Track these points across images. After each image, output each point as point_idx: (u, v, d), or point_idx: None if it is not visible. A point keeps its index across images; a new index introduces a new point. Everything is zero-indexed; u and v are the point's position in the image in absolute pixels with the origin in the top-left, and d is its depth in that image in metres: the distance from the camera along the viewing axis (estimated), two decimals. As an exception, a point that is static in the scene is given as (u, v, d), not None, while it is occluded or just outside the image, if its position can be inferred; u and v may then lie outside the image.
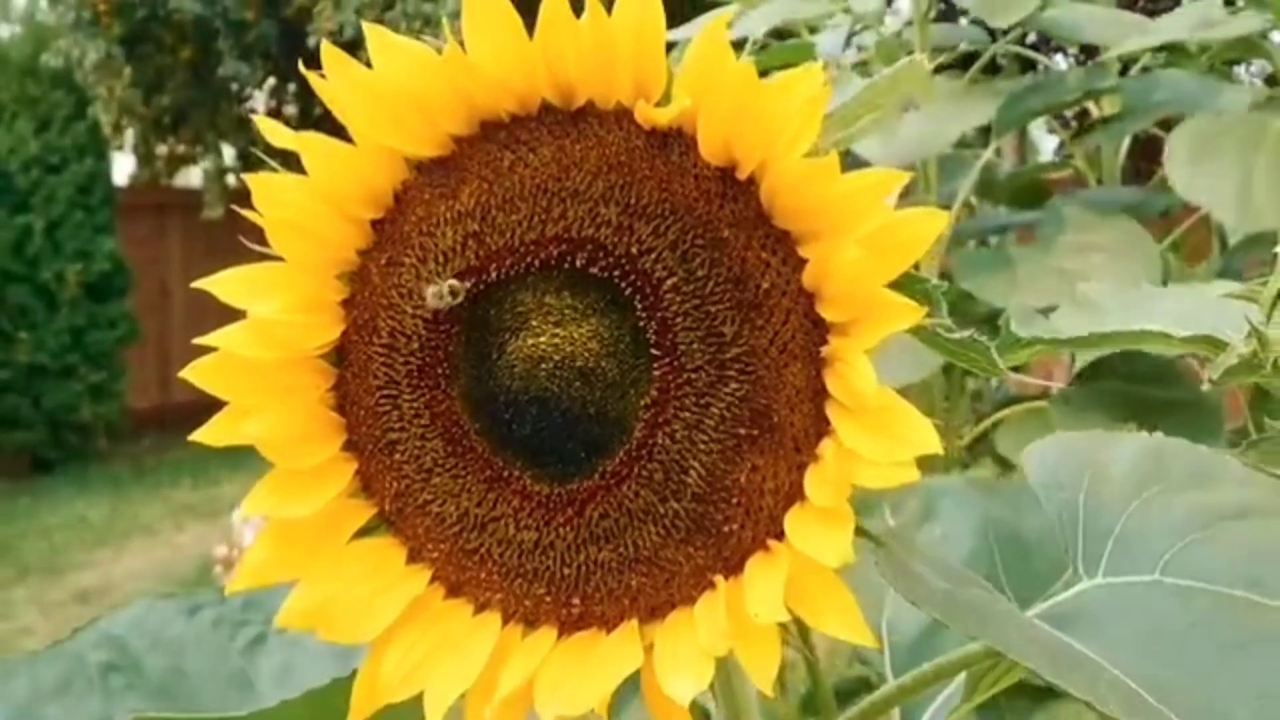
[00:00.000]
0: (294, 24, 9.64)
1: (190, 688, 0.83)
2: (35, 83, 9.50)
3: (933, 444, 0.51)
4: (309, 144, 0.56)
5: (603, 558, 0.57)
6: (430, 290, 0.57)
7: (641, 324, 0.55)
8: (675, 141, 0.55)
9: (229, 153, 12.16)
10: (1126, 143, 2.64)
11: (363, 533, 0.60)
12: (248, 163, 12.84)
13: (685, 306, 0.55)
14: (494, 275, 0.56)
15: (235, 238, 0.58)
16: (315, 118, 12.29)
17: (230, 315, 0.58)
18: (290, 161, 0.58)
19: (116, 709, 0.81)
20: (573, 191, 0.56)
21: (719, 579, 0.55)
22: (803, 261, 0.54)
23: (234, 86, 11.42)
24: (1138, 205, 2.28)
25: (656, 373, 0.55)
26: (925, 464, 0.53)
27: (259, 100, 12.40)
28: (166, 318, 10.36)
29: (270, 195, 0.56)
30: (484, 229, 0.57)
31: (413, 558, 0.60)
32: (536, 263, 0.56)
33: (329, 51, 0.56)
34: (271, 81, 11.96)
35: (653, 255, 0.55)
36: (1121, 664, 0.60)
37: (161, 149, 11.80)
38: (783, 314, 0.55)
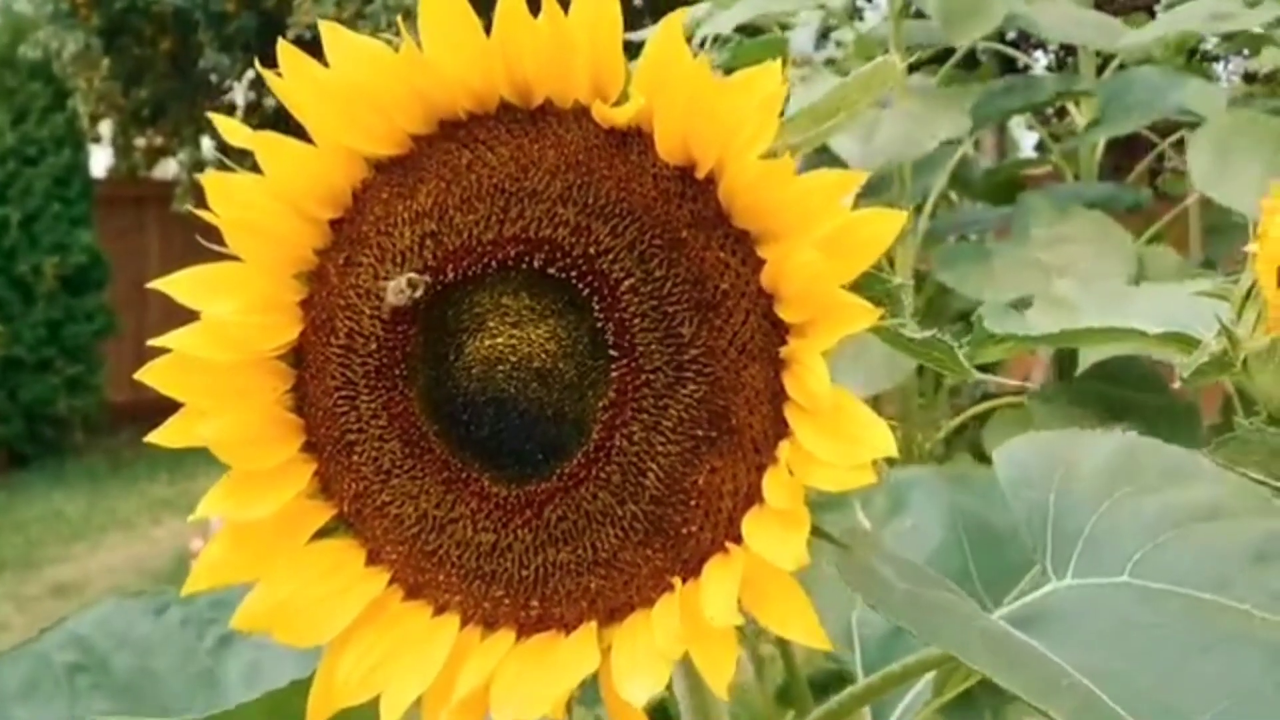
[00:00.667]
0: (274, 16, 9.59)
1: (158, 687, 0.82)
2: (13, 74, 9.44)
3: (887, 447, 0.50)
4: (265, 143, 0.56)
5: (561, 559, 0.57)
6: (390, 285, 0.56)
7: (599, 325, 0.55)
8: (634, 141, 0.55)
9: (207, 145, 12.11)
10: (1103, 140, 2.65)
11: (322, 534, 0.60)
12: (226, 156, 12.80)
13: (643, 307, 0.54)
14: (451, 276, 0.56)
15: (214, 230, 0.58)
16: (295, 110, 12.25)
17: None
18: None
19: (83, 709, 0.81)
20: (530, 191, 0.55)
21: (677, 581, 0.55)
22: (762, 262, 0.54)
23: (213, 79, 11.37)
24: (1109, 199, 2.28)
25: (614, 374, 0.55)
26: (901, 458, 0.53)
27: (239, 93, 12.35)
28: (144, 311, 10.30)
29: (226, 195, 0.56)
30: (441, 229, 0.56)
31: (372, 559, 0.60)
32: (494, 263, 0.55)
33: (285, 50, 0.56)
34: (251, 74, 11.91)
35: (610, 256, 0.54)
36: (1087, 666, 0.59)
37: (140, 141, 11.75)
38: (741, 314, 0.54)
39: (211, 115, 0.59)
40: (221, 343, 0.57)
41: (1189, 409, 2.06)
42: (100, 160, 11.32)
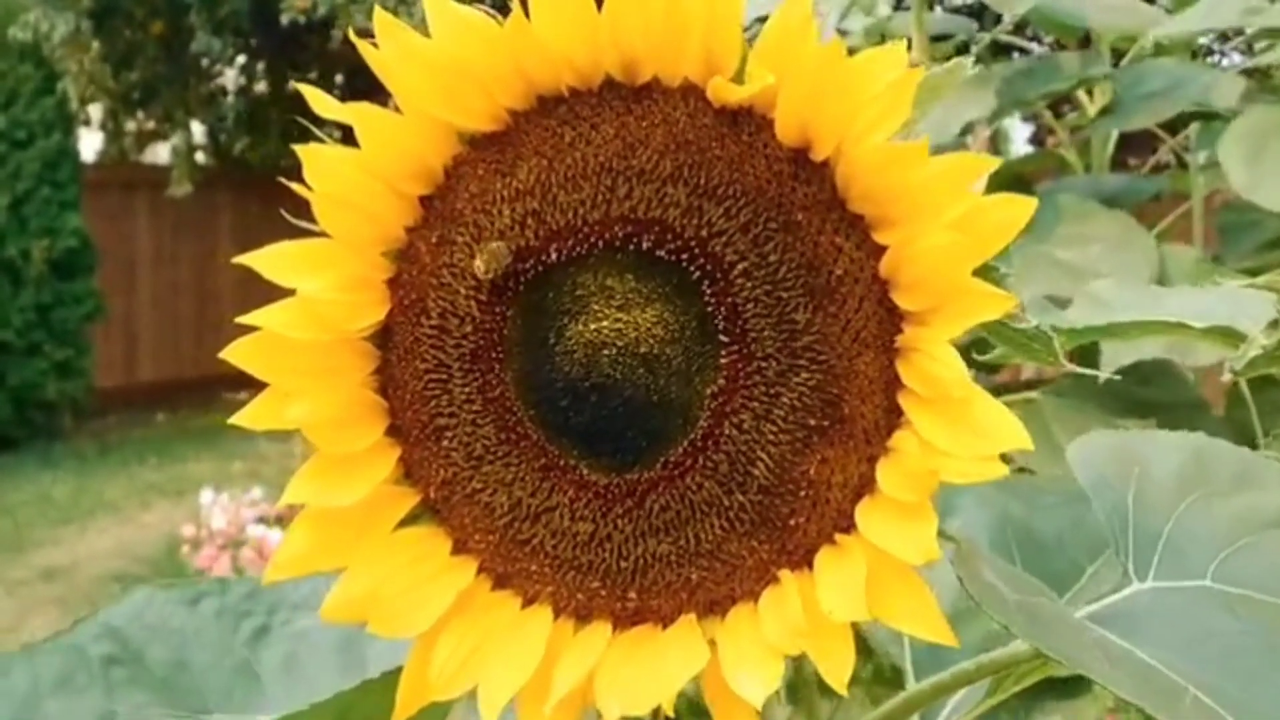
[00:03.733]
0: (267, 0, 9.54)
1: (193, 680, 0.80)
2: (2, 56, 9.36)
3: (1020, 439, 0.49)
4: (361, 115, 0.54)
5: (662, 551, 0.55)
6: (476, 261, 0.54)
7: (709, 310, 0.53)
8: (745, 120, 0.53)
9: (198, 129, 12.05)
10: (1115, 133, 2.63)
11: (404, 522, 0.58)
12: (216, 140, 12.75)
13: (756, 292, 0.52)
14: (554, 256, 0.54)
15: (203, 216, 0.55)
16: (287, 95, 12.20)
17: (200, 297, 0.56)
18: (262, 142, 0.55)
19: (119, 703, 0.79)
20: (639, 171, 0.53)
21: (784, 574, 0.54)
22: (877, 247, 0.52)
23: (205, 62, 11.31)
24: (1128, 191, 2.27)
25: (724, 360, 0.53)
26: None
27: (230, 77, 12.29)
28: (133, 296, 10.26)
29: (320, 168, 0.54)
30: (544, 207, 0.54)
31: (458, 548, 0.58)
32: (600, 243, 0.54)
33: (382, 19, 0.54)
34: (242, 58, 11.86)
35: (723, 238, 0.53)
36: (1177, 670, 0.58)
37: (130, 125, 11.68)
38: (856, 301, 0.53)
39: (299, 86, 0.57)
40: (311, 321, 0.55)
41: (1199, 402, 2.05)
42: (90, 144, 11.25)
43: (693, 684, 0.54)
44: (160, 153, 11.85)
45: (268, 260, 0.55)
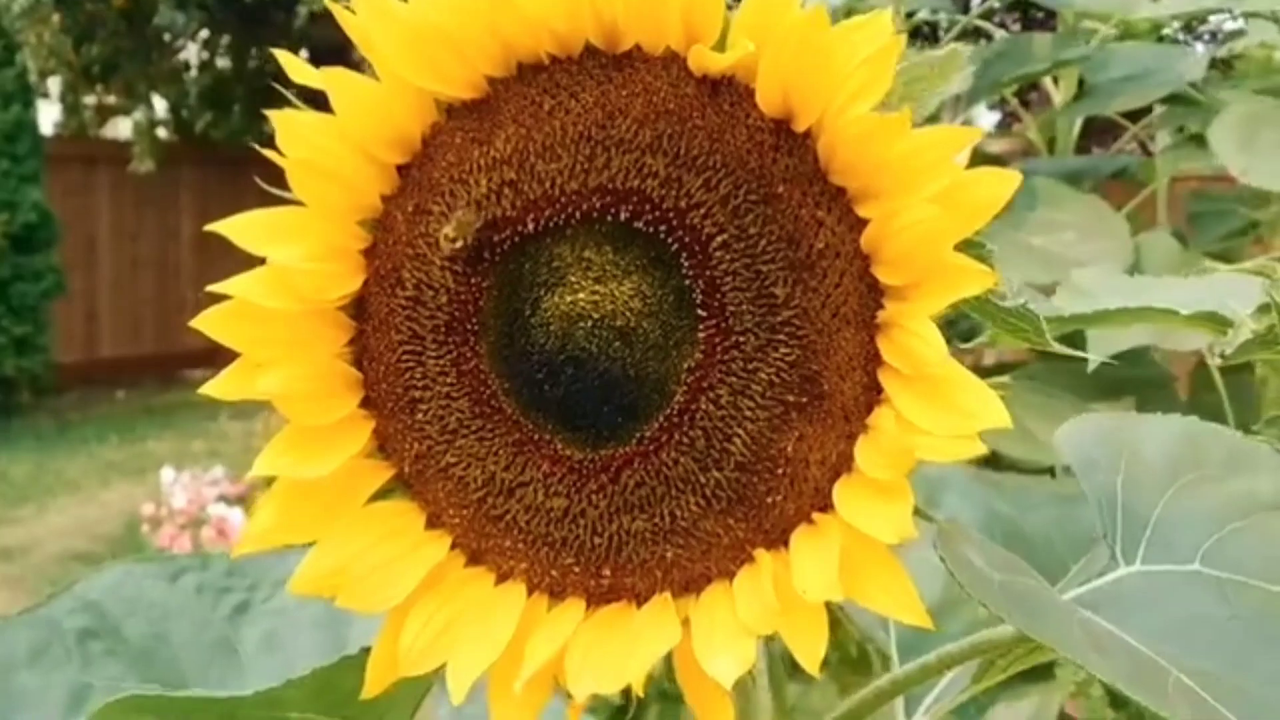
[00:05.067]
0: (231, -25, 9.46)
1: (172, 655, 0.79)
2: (-39, 27, 9.23)
3: (999, 418, 0.48)
4: (336, 81, 0.53)
5: (637, 527, 0.54)
6: (444, 229, 0.54)
7: (688, 283, 0.52)
8: (726, 90, 0.53)
9: (160, 105, 11.94)
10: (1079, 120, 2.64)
11: (377, 495, 0.57)
12: (179, 116, 12.62)
13: (735, 265, 0.52)
14: (531, 226, 0.53)
15: (166, 192, 0.54)
16: (251, 71, 12.10)
17: (161, 274, 0.54)
18: (225, 119, 0.54)
19: (95, 676, 0.77)
20: (618, 140, 0.53)
21: (760, 553, 0.53)
22: (859, 220, 0.52)
23: (167, 37, 11.20)
24: (1091, 169, 2.28)
25: (702, 334, 0.52)
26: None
27: (192, 51, 12.18)
28: (93, 272, 10.16)
29: (294, 134, 0.53)
30: (521, 177, 0.53)
31: (432, 523, 0.57)
32: (578, 214, 0.53)
33: (359, -18, 0.53)
34: (205, 33, 11.75)
35: (702, 210, 0.52)
36: (1169, 658, 0.58)
37: (89, 99, 11.56)
38: (836, 276, 0.52)
39: (274, 51, 0.56)
40: (285, 291, 0.54)
41: (1167, 382, 2.07)
42: (48, 117, 11.12)
43: (665, 665, 0.53)
44: (121, 127, 11.73)
45: (239, 228, 0.54)
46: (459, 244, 0.53)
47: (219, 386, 0.54)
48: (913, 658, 0.85)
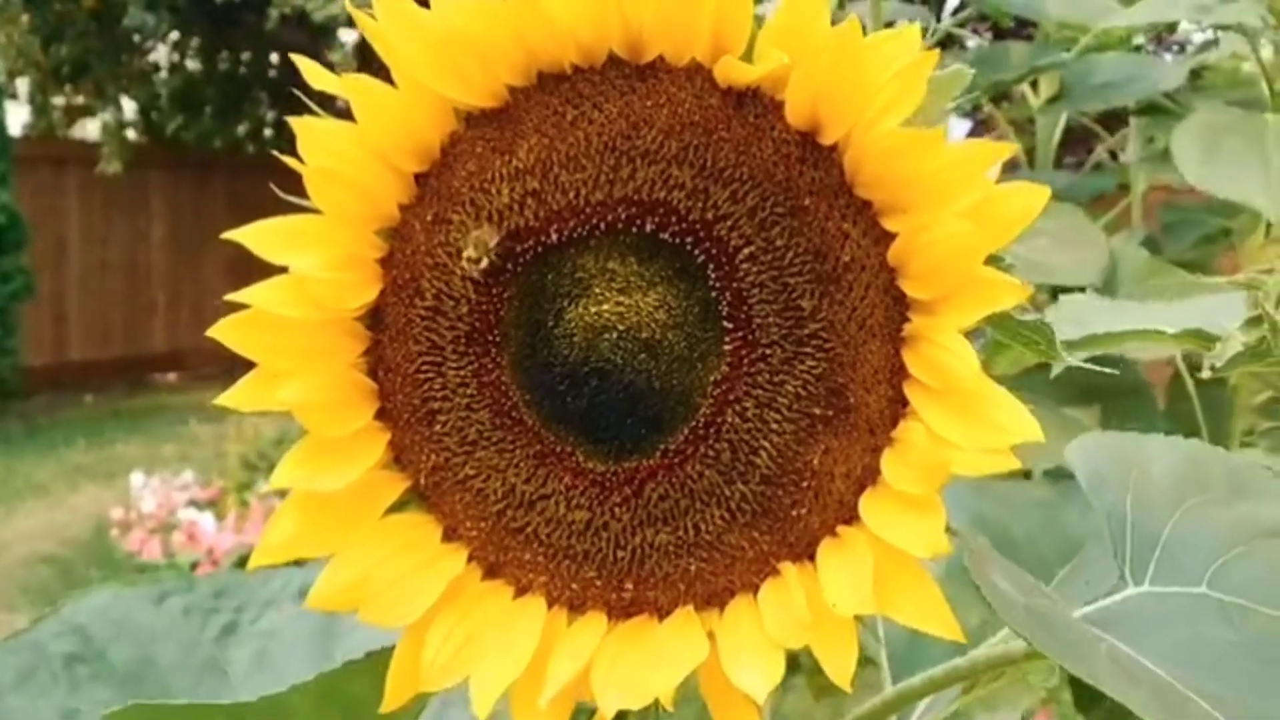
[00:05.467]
0: (202, -24, 9.42)
1: (160, 678, 0.78)
2: (-71, 26, 9.14)
3: (1031, 431, 0.48)
4: (358, 88, 0.52)
5: (660, 540, 0.54)
6: (466, 251, 0.53)
7: (714, 295, 0.52)
8: (751, 102, 0.52)
9: (129, 106, 11.86)
10: (1060, 129, 2.65)
11: (392, 508, 0.56)
12: (148, 118, 12.53)
13: (762, 278, 0.51)
14: (554, 237, 0.53)
15: (135, 194, 0.53)
16: (220, 73, 12.03)
17: (131, 277, 0.54)
18: (195, 121, 0.53)
19: (83, 700, 0.76)
20: (643, 151, 0.52)
21: (784, 566, 0.53)
22: (884, 234, 0.52)
23: (136, 38, 11.13)
24: (1071, 188, 2.29)
25: (728, 347, 0.52)
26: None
27: (162, 53, 12.11)
28: (63, 274, 10.07)
29: (314, 141, 0.52)
30: (545, 187, 0.53)
31: (448, 536, 0.56)
32: (602, 225, 0.52)
33: (382, -12, 0.52)
34: (175, 35, 11.69)
35: (729, 222, 0.51)
36: (1179, 679, 0.58)
37: (58, 100, 11.48)
38: (862, 289, 0.52)
39: (294, 57, 0.55)
40: (303, 300, 0.53)
41: (1143, 388, 2.08)
42: (16, 118, 11.03)
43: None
44: (90, 129, 11.65)
45: (257, 236, 0.53)
46: (483, 264, 0.52)
47: (235, 397, 0.54)
48: (905, 666, 0.85)
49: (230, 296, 0.53)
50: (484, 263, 0.52)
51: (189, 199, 11.18)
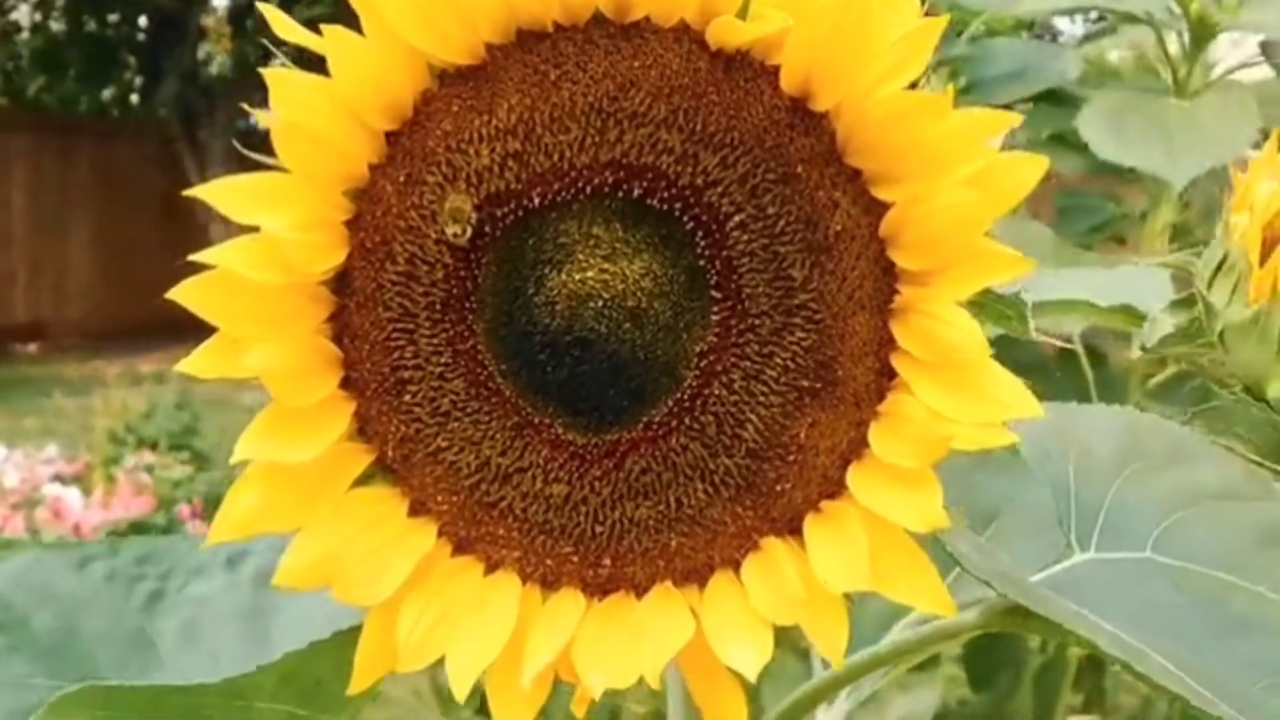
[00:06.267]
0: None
1: (84, 649, 0.75)
2: None
3: (1031, 406, 0.48)
4: (333, 40, 0.49)
5: (640, 515, 0.52)
6: (446, 228, 0.51)
7: (702, 263, 0.51)
8: (741, 65, 0.51)
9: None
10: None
11: (356, 482, 0.54)
12: (9, 79, 12.09)
13: (753, 246, 0.50)
14: (536, 200, 0.51)
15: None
16: (85, 35, 11.66)
17: None
18: (59, 83, 0.51)
19: (1, 672, 0.73)
20: (630, 114, 0.50)
21: (767, 541, 0.52)
22: (875, 203, 0.51)
23: (-3, -4, 10.75)
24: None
25: (715, 317, 0.51)
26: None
27: (24, 12, 11.71)
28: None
29: (287, 95, 0.49)
30: (527, 149, 0.51)
31: (415, 510, 0.54)
32: (588, 189, 0.50)
33: (356, -67, 0.50)
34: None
35: (719, 188, 0.50)
36: (1126, 635, 0.59)
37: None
38: (852, 259, 0.51)
39: (262, 6, 0.52)
40: (270, 262, 0.50)
41: (1042, 363, 2.11)
42: None
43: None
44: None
45: (222, 193, 0.50)
46: (467, 233, 0.50)
47: (195, 364, 0.51)
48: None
49: (197, 256, 0.50)
50: (468, 232, 0.50)
51: (52, 165, 10.83)
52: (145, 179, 11.56)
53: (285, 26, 0.50)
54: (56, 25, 11.83)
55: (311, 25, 0.51)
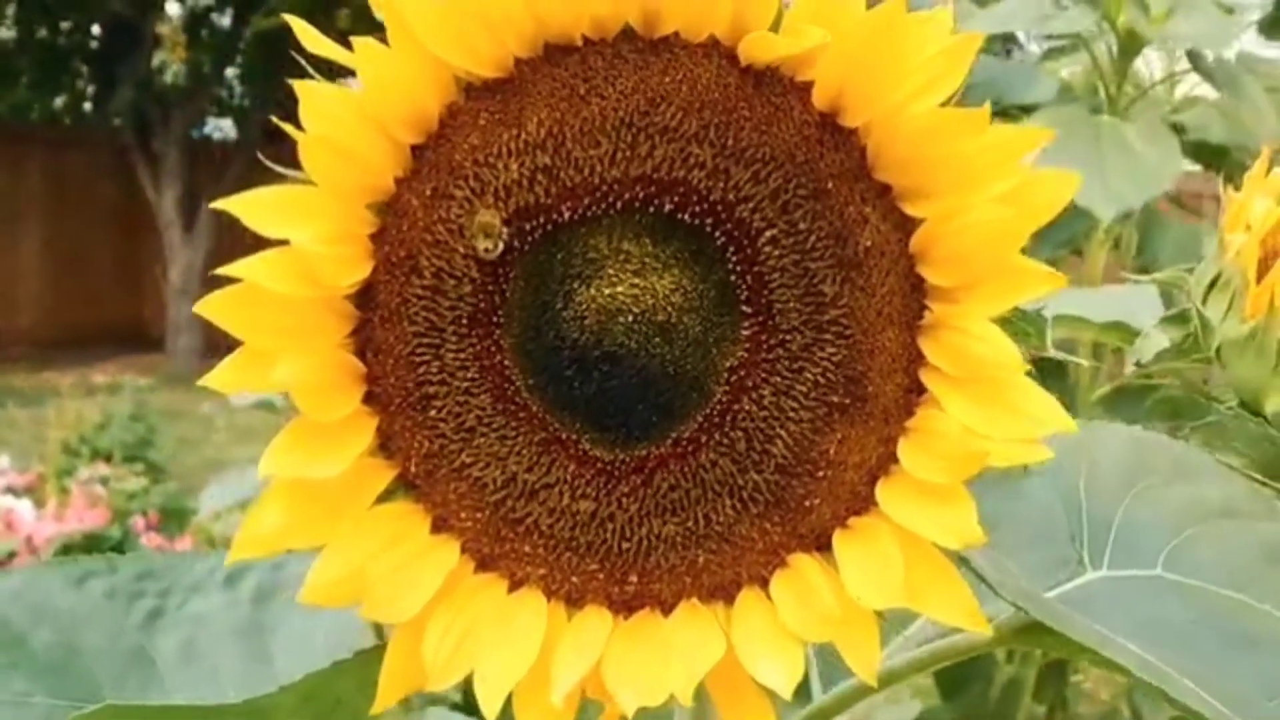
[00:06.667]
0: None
1: (84, 666, 0.73)
2: None
3: (1064, 422, 0.48)
4: (363, 52, 0.49)
5: (668, 532, 0.52)
6: (478, 244, 0.51)
7: (733, 279, 0.50)
8: (770, 81, 0.51)
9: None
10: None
11: (378, 498, 0.54)
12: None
13: (784, 262, 0.50)
14: (566, 215, 0.50)
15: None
16: (36, 42, 11.53)
17: None
18: (10, 92, 0.50)
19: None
20: (661, 128, 0.50)
21: (795, 557, 0.52)
22: (904, 218, 0.51)
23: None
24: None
25: (746, 332, 0.51)
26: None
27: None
28: None
29: (316, 107, 0.49)
30: (557, 162, 0.50)
31: (438, 527, 0.53)
32: (618, 204, 0.50)
33: (384, -54, 0.49)
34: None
35: (750, 204, 0.50)
36: (1143, 652, 0.59)
37: None
38: (882, 274, 0.51)
39: (287, 18, 0.51)
40: (297, 275, 0.49)
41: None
42: None
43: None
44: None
45: (249, 206, 0.49)
46: (499, 248, 0.50)
47: (221, 379, 0.50)
48: (829, 667, 0.84)
49: (223, 270, 0.49)
50: (499, 247, 0.50)
51: (2, 173, 10.71)
52: (98, 188, 11.44)
53: (313, 39, 0.50)
54: (7, 32, 11.70)
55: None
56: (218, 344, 0.49)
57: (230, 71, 12.07)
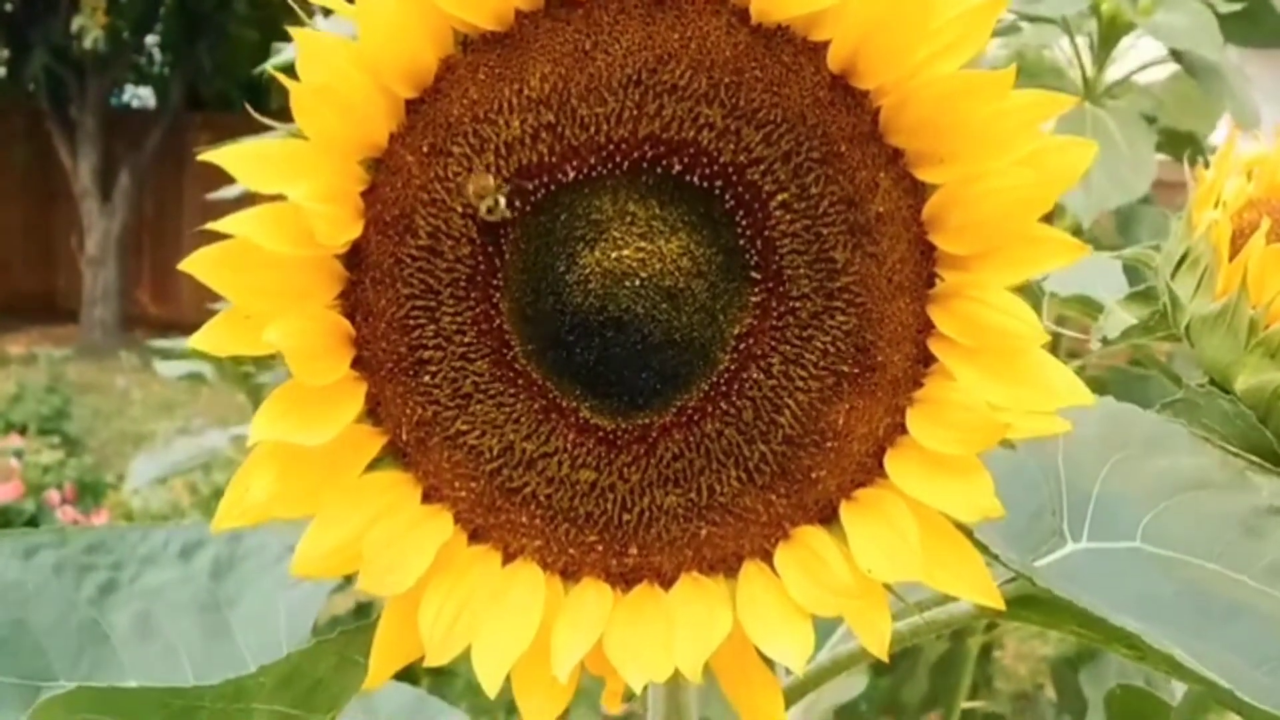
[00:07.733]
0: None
1: (34, 642, 0.71)
2: None
3: (1082, 394, 0.47)
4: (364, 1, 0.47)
5: (670, 503, 0.51)
6: (479, 205, 0.49)
7: (742, 243, 0.49)
8: (781, 41, 0.49)
9: None
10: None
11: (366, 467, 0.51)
12: None
13: (795, 227, 0.49)
14: (571, 174, 0.49)
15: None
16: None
17: None
18: None
19: (-56, 664, 0.68)
20: (670, 87, 0.49)
21: (801, 530, 0.50)
22: (916, 184, 0.50)
23: None
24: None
25: (754, 299, 0.49)
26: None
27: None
28: None
29: (314, 56, 0.46)
30: (561, 120, 0.49)
31: (429, 497, 0.52)
32: (625, 164, 0.49)
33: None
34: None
35: (762, 166, 0.49)
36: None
37: None
38: (893, 241, 0.50)
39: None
40: (290, 233, 0.47)
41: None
42: None
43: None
44: None
45: (235, 159, 0.47)
46: (500, 206, 0.48)
47: (209, 340, 0.48)
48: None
49: (210, 225, 0.47)
50: (500, 205, 0.48)
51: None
52: (10, 156, 11.17)
53: (309, -15, 0.48)
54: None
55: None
56: (133, 316, 0.47)
57: (150, 39, 11.82)
